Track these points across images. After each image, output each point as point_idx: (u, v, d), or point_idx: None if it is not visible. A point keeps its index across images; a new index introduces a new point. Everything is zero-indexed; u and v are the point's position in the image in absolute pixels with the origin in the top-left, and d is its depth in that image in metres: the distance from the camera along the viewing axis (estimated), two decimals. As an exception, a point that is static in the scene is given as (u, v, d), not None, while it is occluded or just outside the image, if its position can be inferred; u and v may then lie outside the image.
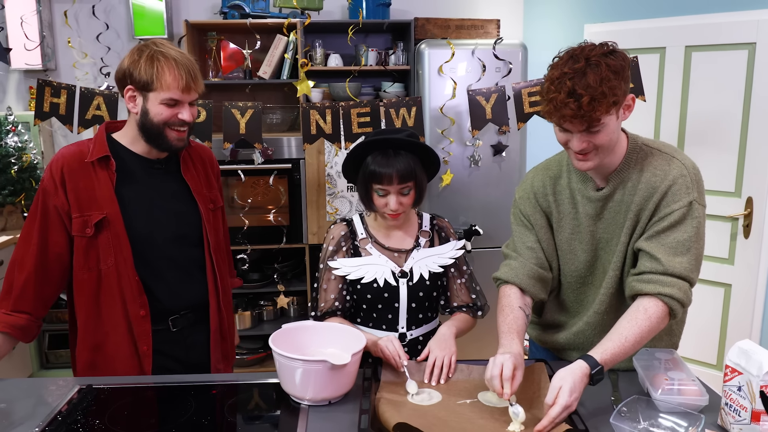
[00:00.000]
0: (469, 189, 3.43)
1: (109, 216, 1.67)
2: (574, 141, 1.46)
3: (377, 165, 1.70)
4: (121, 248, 1.68)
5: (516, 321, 1.59)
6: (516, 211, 1.75)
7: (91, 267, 1.68)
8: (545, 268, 1.69)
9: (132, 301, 1.70)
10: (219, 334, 1.88)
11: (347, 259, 1.81)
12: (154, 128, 1.67)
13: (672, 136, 3.22)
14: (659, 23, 3.22)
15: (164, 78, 1.62)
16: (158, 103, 1.64)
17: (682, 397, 1.42)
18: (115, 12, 3.75)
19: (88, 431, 1.39)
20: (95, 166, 1.68)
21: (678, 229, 1.49)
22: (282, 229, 3.45)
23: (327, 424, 1.43)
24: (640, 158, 1.56)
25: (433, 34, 3.48)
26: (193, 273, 1.82)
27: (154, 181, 1.76)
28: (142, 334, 1.72)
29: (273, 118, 3.64)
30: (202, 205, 1.83)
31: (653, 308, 1.47)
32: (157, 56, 1.63)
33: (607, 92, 1.37)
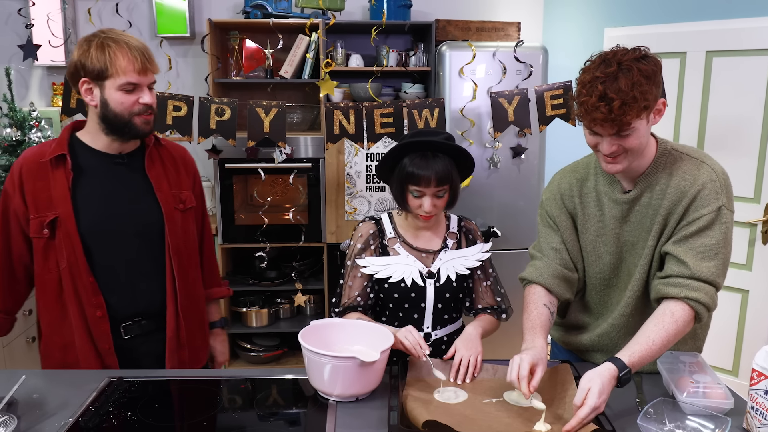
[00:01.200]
0: (487, 191, 3.44)
1: (62, 216, 1.63)
2: (604, 144, 1.47)
3: (415, 167, 1.71)
4: (73, 248, 1.64)
5: (540, 317, 1.62)
6: (542, 212, 1.77)
7: (51, 268, 1.66)
8: (570, 269, 1.71)
9: (88, 302, 1.66)
10: (176, 342, 1.79)
11: (375, 258, 1.83)
12: (118, 119, 1.62)
13: (691, 141, 3.22)
14: (680, 28, 3.22)
15: (118, 62, 1.57)
16: (116, 90, 1.59)
17: (707, 400, 1.43)
18: (138, 10, 3.79)
19: (120, 422, 1.42)
20: (52, 165, 1.64)
21: (706, 233, 1.50)
22: (301, 227, 3.47)
23: (355, 420, 1.45)
24: (669, 162, 1.56)
25: (454, 36, 3.49)
26: (152, 275, 1.76)
27: (113, 177, 1.71)
28: (101, 335, 1.69)
29: (293, 117, 3.67)
30: (164, 204, 1.75)
31: (680, 312, 1.48)
32: (107, 42, 1.58)
33: (638, 97, 1.38)
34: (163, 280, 1.76)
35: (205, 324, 1.98)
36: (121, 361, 1.73)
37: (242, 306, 3.71)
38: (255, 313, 3.69)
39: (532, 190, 3.47)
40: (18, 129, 3.44)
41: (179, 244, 1.78)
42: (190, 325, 1.84)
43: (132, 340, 1.74)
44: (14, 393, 1.46)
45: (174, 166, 1.84)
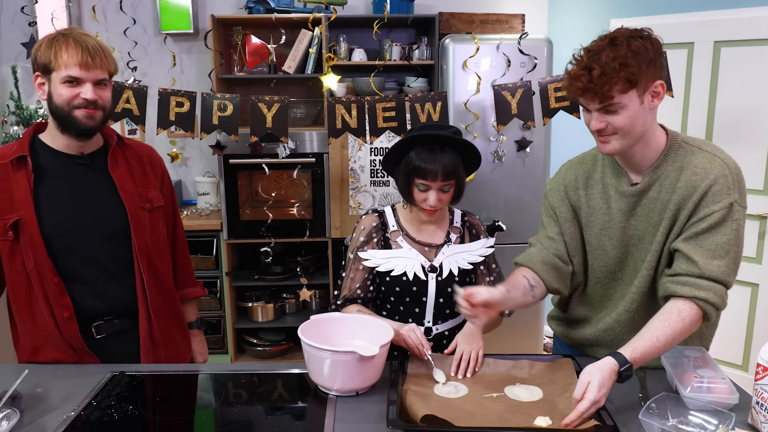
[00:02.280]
0: (492, 185, 3.42)
1: (24, 217, 1.62)
2: (593, 120, 1.47)
3: (422, 160, 1.70)
4: (36, 250, 1.63)
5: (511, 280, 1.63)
6: (545, 202, 1.76)
7: (19, 270, 1.65)
8: (564, 260, 1.69)
9: (55, 303, 1.66)
10: (150, 341, 1.77)
11: (377, 251, 1.82)
12: (59, 111, 1.61)
13: (699, 133, 3.19)
14: (687, 18, 3.18)
15: (61, 56, 1.57)
16: (59, 83, 1.58)
17: (711, 395, 1.41)
18: (142, 7, 3.79)
19: (122, 416, 1.42)
20: (13, 166, 1.63)
21: (717, 231, 1.47)
22: (305, 222, 3.47)
23: (355, 414, 1.45)
24: (680, 155, 1.53)
25: (458, 29, 3.47)
26: (120, 276, 1.74)
27: (75, 178, 1.70)
28: (71, 335, 1.68)
29: (297, 112, 3.66)
30: (128, 203, 1.73)
31: (687, 310, 1.45)
32: (57, 38, 1.59)
33: (618, 68, 1.37)
34: (132, 281, 1.74)
35: (183, 324, 1.95)
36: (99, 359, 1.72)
37: (248, 301, 3.72)
38: (261, 308, 3.70)
39: (537, 184, 3.45)
40: (25, 126, 3.46)
41: (147, 243, 1.76)
42: (165, 325, 1.82)
43: (105, 339, 1.73)
44: (18, 387, 1.47)
45: (140, 165, 1.82)
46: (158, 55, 3.82)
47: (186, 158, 4.00)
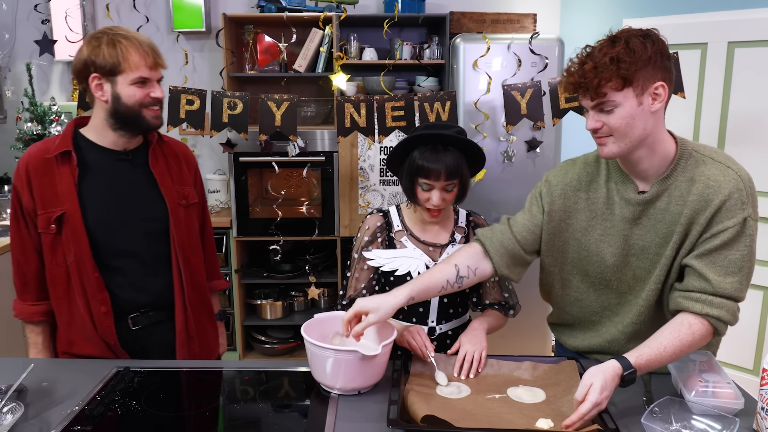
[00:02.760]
0: (502, 185, 3.41)
1: (68, 212, 1.65)
2: (589, 120, 1.45)
3: (425, 160, 1.69)
4: (79, 244, 1.66)
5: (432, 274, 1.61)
6: (538, 191, 1.68)
7: (59, 263, 1.69)
8: (528, 252, 1.65)
9: (93, 297, 1.69)
10: (185, 334, 1.82)
11: (382, 251, 1.82)
12: (129, 112, 1.65)
13: (712, 135, 3.16)
14: (701, 18, 3.15)
15: (131, 58, 1.61)
16: (128, 84, 1.63)
17: (716, 400, 1.39)
18: (155, 5, 3.82)
19: (124, 411, 1.43)
20: (58, 161, 1.66)
21: (731, 248, 1.44)
22: (314, 221, 3.48)
23: (356, 413, 1.45)
24: (691, 166, 1.48)
25: (469, 29, 3.46)
26: (158, 269, 1.78)
27: (118, 174, 1.73)
28: (106, 331, 1.71)
29: (307, 111, 3.67)
30: (169, 199, 1.78)
31: (698, 326, 1.43)
32: (117, 39, 1.61)
33: (609, 63, 1.35)
34: (169, 275, 1.79)
35: (213, 317, 2.00)
36: (131, 353, 1.76)
37: (257, 299, 3.74)
38: (269, 306, 3.71)
39: (547, 185, 3.42)
40: (39, 123, 3.51)
41: (183, 238, 1.81)
42: (199, 318, 1.87)
43: (140, 331, 1.77)
44: (24, 381, 1.49)
45: (177, 162, 1.86)
46: (171, 53, 3.83)
47: (197, 156, 4.02)
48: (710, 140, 3.17)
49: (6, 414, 1.35)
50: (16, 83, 3.80)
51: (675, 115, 3.24)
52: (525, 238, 1.65)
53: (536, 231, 1.65)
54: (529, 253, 1.67)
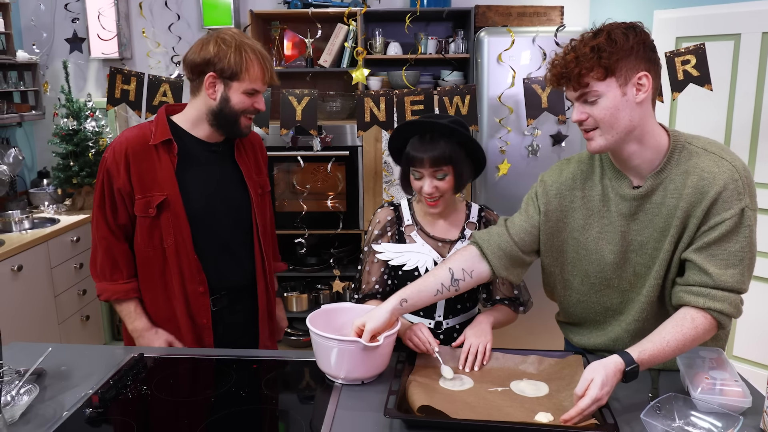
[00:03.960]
0: (526, 179, 3.37)
1: (170, 197, 1.75)
2: (573, 112, 1.44)
3: (412, 148, 1.73)
4: (180, 228, 1.77)
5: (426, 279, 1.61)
6: (534, 192, 1.67)
7: (156, 245, 1.78)
8: (525, 251, 1.64)
9: (191, 279, 1.80)
10: (267, 314, 1.97)
11: (391, 245, 1.83)
12: (231, 115, 1.75)
13: (745, 129, 3.06)
14: (734, 8, 3.06)
15: (252, 70, 1.70)
16: (241, 92, 1.72)
17: (722, 398, 1.37)
18: (186, 2, 3.90)
19: (134, 395, 1.49)
20: (158, 149, 1.76)
21: (730, 239, 1.41)
22: (339, 215, 3.51)
23: (358, 402, 1.47)
24: (684, 158, 1.46)
25: (494, 22, 3.44)
26: (241, 256, 1.90)
27: (211, 165, 1.84)
28: (201, 308, 1.83)
29: (333, 105, 3.70)
30: (252, 190, 1.90)
31: (701, 320, 1.41)
32: (244, 48, 1.70)
33: (589, 53, 1.35)
34: (251, 260, 1.91)
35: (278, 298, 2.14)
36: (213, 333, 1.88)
37: (283, 291, 3.79)
38: (295, 298, 3.77)
39: (573, 179, 3.38)
40: (74, 119, 3.62)
41: (263, 225, 1.94)
42: (273, 298, 2.04)
43: (218, 313, 1.88)
44: (45, 365, 1.56)
45: (254, 153, 1.98)
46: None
47: (227, 150, 4.10)
48: (743, 135, 3.08)
49: (24, 395, 1.41)
50: (53, 80, 3.94)
51: (706, 109, 3.16)
52: (522, 239, 1.64)
53: (534, 232, 1.64)
54: (527, 254, 1.65)
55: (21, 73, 3.69)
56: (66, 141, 3.63)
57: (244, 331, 1.95)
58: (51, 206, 3.71)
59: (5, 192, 3.64)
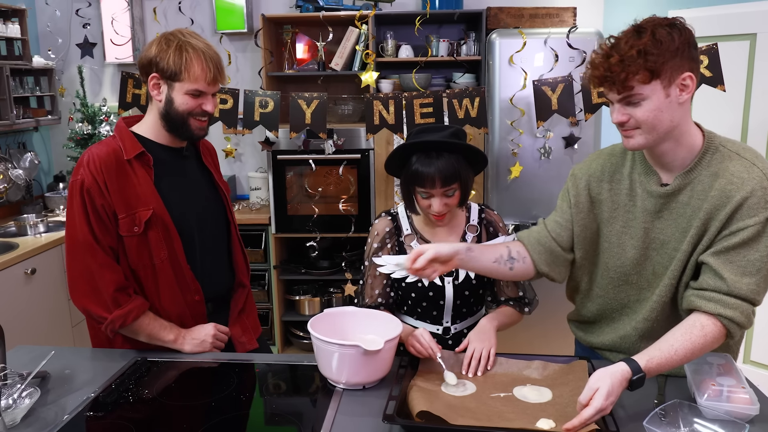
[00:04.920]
0: (539, 181, 3.35)
1: (156, 211, 1.68)
2: (614, 112, 1.40)
3: (420, 166, 1.66)
4: (171, 241, 1.71)
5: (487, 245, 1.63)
6: (566, 187, 1.67)
7: (145, 264, 1.71)
8: (564, 248, 1.62)
9: (186, 290, 1.76)
10: (237, 312, 1.90)
11: (392, 257, 1.80)
12: (177, 117, 1.68)
13: (761, 129, 3.01)
14: (750, 8, 3.00)
15: (192, 69, 1.63)
16: (183, 93, 1.65)
17: (729, 405, 1.33)
18: (200, 8, 3.94)
19: (135, 399, 1.49)
20: (131, 163, 1.68)
21: (750, 247, 1.37)
22: (351, 218, 3.51)
23: (358, 407, 1.46)
24: (716, 160, 1.43)
25: (506, 24, 3.41)
26: (224, 257, 1.89)
27: (184, 170, 1.80)
28: (199, 315, 1.80)
29: (345, 108, 3.70)
30: (224, 191, 1.90)
31: (710, 327, 1.38)
32: (185, 47, 1.63)
33: (636, 55, 1.29)
34: (230, 262, 1.90)
35: None
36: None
37: (295, 294, 3.80)
38: (308, 302, 3.77)
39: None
40: (89, 123, 3.67)
41: (235, 224, 1.94)
42: (250, 297, 2.00)
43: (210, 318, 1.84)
44: (49, 368, 1.58)
45: (212, 159, 1.95)
46: (215, 55, 3.95)
47: (240, 154, 4.12)
48: (759, 136, 3.02)
49: (25, 398, 1.42)
50: (70, 85, 3.99)
51: (722, 109, 3.10)
52: (559, 234, 1.63)
53: (568, 226, 1.63)
54: (566, 251, 1.64)
55: (37, 78, 3.74)
56: (81, 145, 3.67)
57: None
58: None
59: (21, 196, 3.69)
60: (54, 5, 3.90)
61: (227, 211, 1.90)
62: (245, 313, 1.94)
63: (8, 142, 3.73)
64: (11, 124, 3.40)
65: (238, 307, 1.91)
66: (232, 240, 1.91)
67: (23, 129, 3.74)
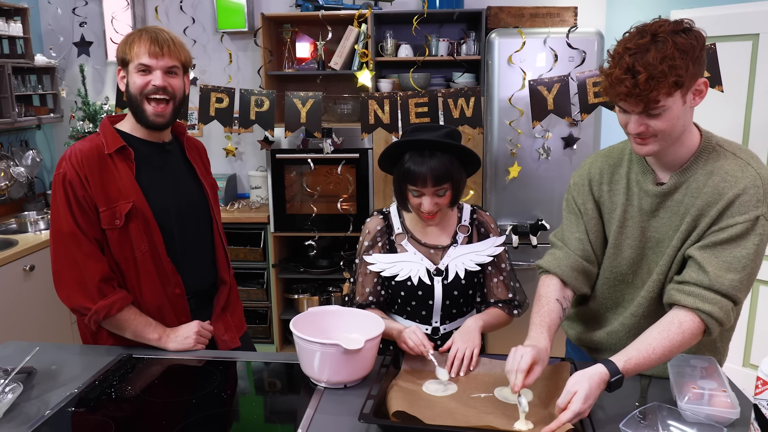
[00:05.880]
0: (537, 182, 3.33)
1: (136, 204, 1.70)
2: (632, 123, 1.36)
3: (412, 164, 1.66)
4: (151, 233, 1.73)
5: (549, 314, 1.54)
6: (569, 197, 1.66)
7: (127, 257, 1.72)
8: (591, 261, 1.61)
9: (167, 282, 1.77)
10: (220, 309, 1.90)
11: (382, 255, 1.81)
12: (134, 101, 1.71)
13: (763, 130, 2.97)
14: (752, 8, 2.97)
15: (136, 47, 1.69)
16: (134, 72, 1.70)
17: (709, 408, 1.32)
18: (201, 7, 3.95)
19: (118, 395, 1.50)
20: (113, 157, 1.71)
21: (738, 244, 1.37)
22: (349, 217, 3.51)
23: (337, 406, 1.46)
24: (712, 159, 1.42)
25: (506, 23, 3.40)
26: (206, 252, 1.90)
27: (166, 164, 1.82)
28: (181, 310, 1.81)
29: (344, 108, 3.71)
30: (207, 186, 1.92)
31: (688, 323, 1.37)
32: (135, 34, 1.72)
33: (667, 71, 1.25)
34: (212, 257, 1.91)
35: None
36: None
37: (294, 293, 3.81)
38: (306, 300, 3.78)
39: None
40: (90, 121, 3.69)
41: (220, 219, 1.96)
42: (235, 293, 2.01)
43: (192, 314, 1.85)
44: (36, 363, 1.59)
45: (200, 156, 1.98)
46: (216, 53, 3.97)
47: (241, 153, 4.14)
48: (761, 136, 2.98)
49: (8, 393, 1.43)
50: (72, 84, 4.02)
51: (722, 111, 3.07)
52: (585, 251, 1.61)
53: (587, 239, 1.61)
54: (594, 264, 1.63)
55: (40, 76, 3.77)
56: (83, 143, 3.69)
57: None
58: (68, 207, 3.78)
59: (23, 193, 3.73)
60: (56, 4, 3.93)
61: (210, 208, 1.91)
62: (228, 311, 1.93)
63: (10, 139, 3.77)
64: (13, 122, 3.43)
65: (219, 304, 1.90)
66: (215, 237, 1.92)
67: (25, 127, 3.77)
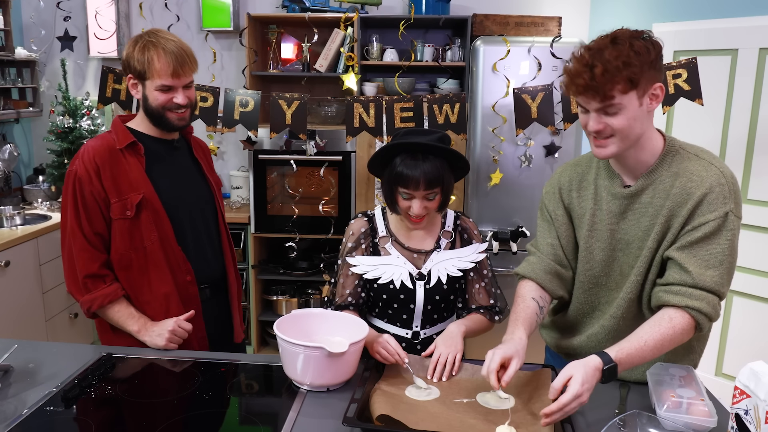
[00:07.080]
0: (519, 189, 3.36)
1: (147, 195, 1.77)
2: (591, 121, 1.42)
3: (405, 167, 1.66)
4: (161, 223, 1.80)
5: (525, 310, 1.58)
6: (542, 206, 1.72)
7: (137, 246, 1.78)
8: (564, 266, 1.66)
9: (178, 269, 1.82)
10: (237, 302, 2.01)
11: (365, 258, 1.81)
12: (154, 112, 1.79)
13: (741, 143, 3.04)
14: (732, 23, 3.04)
15: (154, 66, 1.72)
16: (153, 89, 1.75)
17: (687, 417, 1.34)
18: (187, 4, 3.92)
19: (98, 395, 1.48)
20: (124, 153, 1.78)
21: (712, 241, 1.43)
22: (330, 219, 3.50)
23: (320, 410, 1.45)
24: (677, 161, 1.49)
25: (492, 31, 3.43)
26: (213, 246, 1.96)
27: (175, 159, 1.89)
28: (190, 297, 1.85)
29: (328, 110, 3.70)
30: (214, 182, 1.99)
31: (679, 318, 1.41)
32: (148, 46, 1.73)
33: (621, 67, 1.33)
34: (219, 252, 1.97)
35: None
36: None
37: (273, 294, 3.79)
38: (285, 302, 3.76)
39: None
40: (70, 116, 3.64)
41: (224, 216, 2.02)
42: (241, 290, 2.08)
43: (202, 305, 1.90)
44: (12, 362, 1.56)
45: (204, 155, 2.05)
46: (201, 52, 3.91)
47: (222, 152, 4.11)
48: (738, 148, 3.05)
49: (-17, 391, 1.41)
50: (53, 78, 3.96)
51: (703, 122, 3.14)
52: (556, 255, 1.66)
53: (558, 244, 1.66)
54: (567, 268, 1.67)
55: (20, 69, 3.71)
56: (61, 138, 3.64)
57: (217, 323, 1.97)
58: (44, 203, 3.73)
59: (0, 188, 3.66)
60: (39, -3, 3.88)
61: (216, 204, 1.97)
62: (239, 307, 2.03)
63: (-12, 133, 3.70)
64: (-9, 115, 3.37)
65: (235, 296, 2.00)
66: (221, 232, 1.98)
67: (3, 120, 3.71)
